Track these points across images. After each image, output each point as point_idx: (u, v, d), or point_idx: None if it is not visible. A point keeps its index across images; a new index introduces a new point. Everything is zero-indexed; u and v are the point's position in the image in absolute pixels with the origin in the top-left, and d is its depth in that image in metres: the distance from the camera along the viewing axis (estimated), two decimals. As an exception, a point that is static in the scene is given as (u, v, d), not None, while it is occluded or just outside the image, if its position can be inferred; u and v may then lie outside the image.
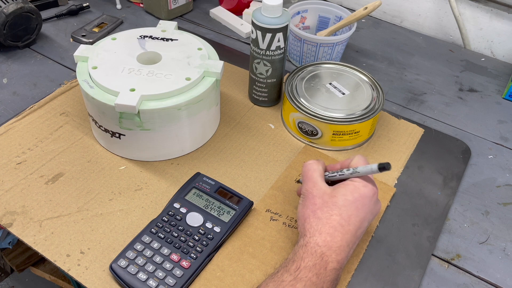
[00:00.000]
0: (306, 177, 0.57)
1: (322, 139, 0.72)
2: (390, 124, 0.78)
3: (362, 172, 0.54)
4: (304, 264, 0.50)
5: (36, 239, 0.58)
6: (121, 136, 0.66)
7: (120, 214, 0.62)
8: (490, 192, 0.70)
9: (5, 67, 0.86)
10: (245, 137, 0.74)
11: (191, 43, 0.72)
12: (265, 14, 0.68)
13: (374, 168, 0.53)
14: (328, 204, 0.53)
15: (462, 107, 0.85)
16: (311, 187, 0.55)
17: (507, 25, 0.95)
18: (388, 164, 0.52)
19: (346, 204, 0.53)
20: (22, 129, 0.72)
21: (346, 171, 0.56)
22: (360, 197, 0.53)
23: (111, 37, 0.71)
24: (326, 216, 0.52)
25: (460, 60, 0.96)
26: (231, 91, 0.82)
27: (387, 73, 0.91)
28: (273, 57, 0.72)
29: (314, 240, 0.51)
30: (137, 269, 0.54)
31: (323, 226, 0.52)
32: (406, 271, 0.58)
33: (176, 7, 1.00)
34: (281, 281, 0.49)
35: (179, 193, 0.62)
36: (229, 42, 0.97)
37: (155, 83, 0.63)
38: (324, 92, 0.74)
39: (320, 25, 0.93)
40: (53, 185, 0.65)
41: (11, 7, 0.83)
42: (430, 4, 1.02)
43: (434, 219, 0.65)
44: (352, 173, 0.55)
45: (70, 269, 0.56)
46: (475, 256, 0.61)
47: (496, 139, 0.79)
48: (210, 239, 0.58)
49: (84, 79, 0.65)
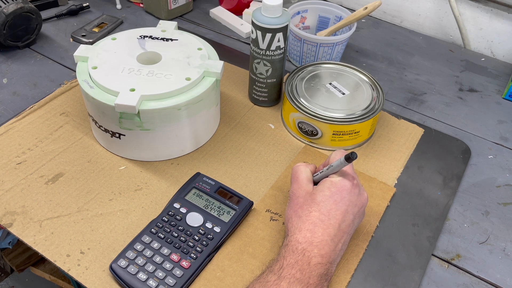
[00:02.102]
0: (292, 179, 0.59)
1: (322, 139, 0.72)
2: (390, 124, 0.78)
3: (335, 166, 0.56)
4: (287, 262, 0.51)
5: (36, 239, 0.58)
6: (121, 136, 0.66)
7: (120, 214, 0.62)
8: (490, 192, 0.70)
9: (5, 67, 0.86)
10: (245, 137, 0.74)
11: (191, 43, 0.72)
12: (265, 14, 0.68)
13: (342, 160, 0.54)
14: (307, 202, 0.55)
15: (462, 107, 0.85)
16: (296, 189, 0.57)
17: (507, 25, 0.95)
18: (354, 153, 0.53)
19: (324, 199, 0.54)
20: (22, 129, 0.72)
21: (325, 169, 0.57)
22: (338, 191, 0.54)
23: (111, 37, 0.71)
24: (305, 214, 0.54)
25: (460, 60, 0.96)
26: (231, 91, 0.82)
27: (387, 73, 0.91)
28: (273, 57, 0.72)
29: (294, 238, 0.52)
30: (137, 269, 0.54)
31: (302, 224, 0.53)
32: (406, 271, 0.58)
33: (176, 7, 1.00)
34: (266, 282, 0.50)
35: (179, 193, 0.62)
36: (229, 42, 0.97)
37: (155, 83, 0.63)
38: (324, 92, 0.74)
39: (320, 25, 0.93)
40: (53, 185, 0.65)
41: (11, 7, 0.83)
42: (430, 4, 1.02)
43: (434, 219, 0.65)
44: (328, 169, 0.56)
45: (70, 269, 0.56)
46: (475, 256, 0.61)
47: (496, 139, 0.79)
48: (210, 239, 0.58)
49: (84, 79, 0.65)
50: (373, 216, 0.64)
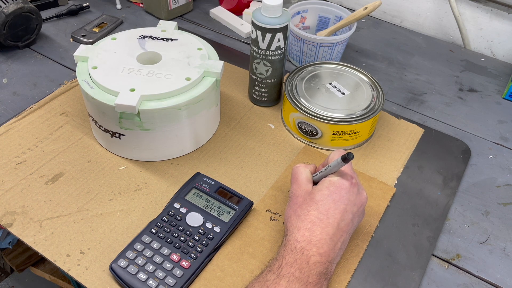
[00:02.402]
0: (292, 179, 0.59)
1: (322, 139, 0.72)
2: (390, 124, 0.78)
3: (333, 167, 0.56)
4: (286, 261, 0.51)
5: (36, 239, 0.58)
6: (121, 136, 0.66)
7: (120, 214, 0.62)
8: (490, 192, 0.70)
9: (5, 67, 0.86)
10: (245, 137, 0.74)
11: (191, 43, 0.72)
12: (265, 14, 0.68)
13: (339, 160, 0.54)
14: (306, 201, 0.55)
15: (462, 107, 0.85)
16: (295, 189, 0.57)
17: (507, 25, 0.95)
18: (350, 154, 0.53)
19: (322, 198, 0.54)
20: (22, 129, 0.72)
21: (324, 169, 0.57)
22: (336, 190, 0.54)
23: (111, 37, 0.71)
24: (304, 213, 0.54)
25: (460, 60, 0.96)
26: (231, 91, 0.82)
27: (387, 73, 0.91)
28: (273, 57, 0.72)
29: (293, 237, 0.53)
30: (137, 269, 0.54)
31: (301, 223, 0.53)
32: (406, 271, 0.58)
33: (176, 7, 1.00)
34: (265, 281, 0.50)
35: (179, 193, 0.62)
36: (229, 42, 0.97)
37: (155, 83, 0.63)
38: (324, 92, 0.74)
39: (320, 25, 0.93)
40: (53, 185, 0.65)
41: (11, 7, 0.83)
42: (430, 4, 1.02)
43: (434, 219, 0.65)
44: (326, 169, 0.57)
45: (70, 269, 0.56)
46: (475, 256, 0.61)
47: (496, 139, 0.79)
48: (210, 239, 0.58)
49: (84, 79, 0.65)
50: (373, 216, 0.64)
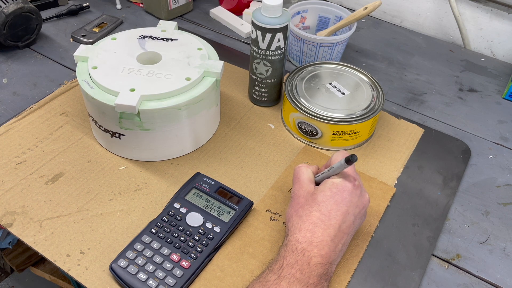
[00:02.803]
0: (294, 179, 0.59)
1: (322, 139, 0.72)
2: (390, 124, 0.78)
3: (336, 168, 0.56)
4: (287, 262, 0.51)
5: (36, 239, 0.58)
6: (121, 136, 0.66)
7: (120, 214, 0.62)
8: (490, 192, 0.70)
9: (5, 67, 0.86)
10: (245, 137, 0.74)
11: (191, 43, 0.72)
12: (265, 14, 0.68)
13: (342, 162, 0.54)
14: (308, 202, 0.55)
15: (462, 107, 0.85)
16: (297, 189, 0.57)
17: (507, 25, 0.95)
18: (354, 156, 0.53)
19: (324, 199, 0.54)
20: (22, 129, 0.72)
21: (326, 170, 0.57)
22: (339, 191, 0.54)
23: (111, 37, 0.71)
24: (306, 214, 0.54)
25: (460, 60, 0.96)
26: (231, 91, 0.82)
27: (387, 73, 0.91)
28: (273, 57, 0.72)
29: (294, 238, 0.53)
30: (137, 269, 0.54)
31: (303, 223, 0.53)
32: (406, 271, 0.58)
33: (176, 7, 1.00)
34: (266, 281, 0.50)
35: (179, 193, 0.62)
36: (229, 42, 0.97)
37: (155, 83, 0.63)
38: (324, 92, 0.74)
39: (320, 25, 0.93)
40: (53, 185, 0.65)
41: (11, 7, 0.83)
42: (430, 4, 1.02)
43: (434, 219, 0.65)
44: (329, 171, 0.56)
45: (70, 269, 0.56)
46: (475, 256, 0.61)
47: (496, 139, 0.79)
48: (210, 239, 0.58)
49: (84, 79, 0.65)
50: (373, 216, 0.64)
